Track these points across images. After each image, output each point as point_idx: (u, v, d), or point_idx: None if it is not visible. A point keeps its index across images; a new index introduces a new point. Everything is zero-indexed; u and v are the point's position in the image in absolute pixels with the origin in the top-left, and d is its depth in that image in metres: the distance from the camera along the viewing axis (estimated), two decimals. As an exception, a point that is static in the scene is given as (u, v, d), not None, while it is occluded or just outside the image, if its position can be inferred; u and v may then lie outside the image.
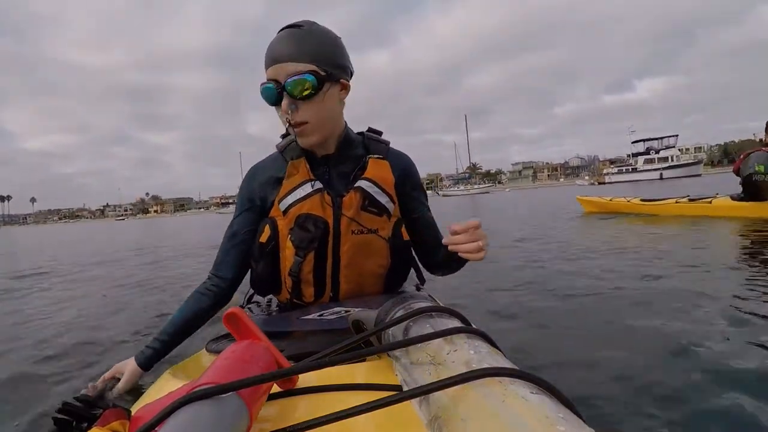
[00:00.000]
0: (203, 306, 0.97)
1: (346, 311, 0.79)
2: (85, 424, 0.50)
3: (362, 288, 1.00)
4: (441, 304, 0.50)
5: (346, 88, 0.95)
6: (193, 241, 8.66)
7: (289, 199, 0.94)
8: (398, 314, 0.48)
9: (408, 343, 0.42)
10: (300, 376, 0.48)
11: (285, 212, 0.94)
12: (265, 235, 0.95)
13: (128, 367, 0.96)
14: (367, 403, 0.35)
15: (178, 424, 0.31)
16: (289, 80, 0.85)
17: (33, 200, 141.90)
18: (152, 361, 0.96)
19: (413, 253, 1.08)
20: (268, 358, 0.44)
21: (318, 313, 0.81)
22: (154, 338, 0.97)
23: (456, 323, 0.45)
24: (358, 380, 0.48)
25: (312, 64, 0.86)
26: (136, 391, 0.94)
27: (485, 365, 0.34)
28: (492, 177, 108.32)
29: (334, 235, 0.94)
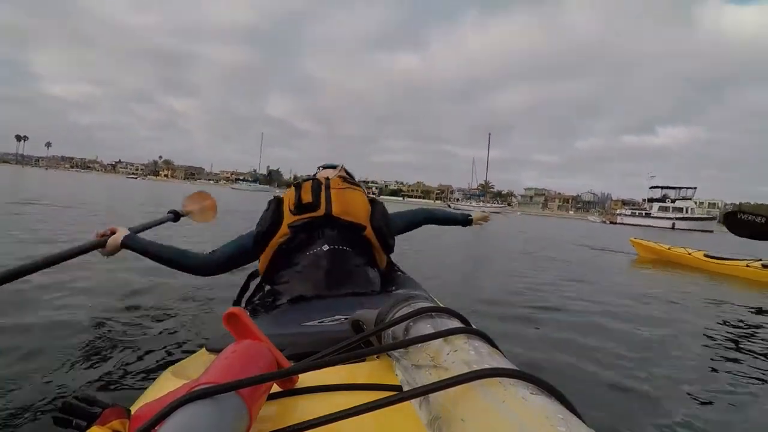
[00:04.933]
0: (189, 256, 1.24)
1: (346, 318, 0.79)
2: (85, 423, 0.50)
3: (349, 208, 1.23)
4: (441, 305, 0.50)
5: None
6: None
7: None
8: (398, 314, 0.48)
9: (408, 343, 0.42)
10: (300, 376, 0.48)
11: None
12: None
13: (117, 236, 1.24)
14: (367, 403, 0.35)
15: (178, 423, 0.31)
16: None
17: (48, 144, 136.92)
18: (134, 246, 1.23)
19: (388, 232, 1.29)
20: (268, 357, 0.44)
21: (318, 320, 0.81)
22: (148, 240, 1.25)
23: (456, 324, 0.45)
24: (358, 380, 0.48)
25: None
26: (135, 390, 0.94)
27: (485, 366, 0.34)
28: (503, 198, 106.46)
29: (326, 185, 1.25)
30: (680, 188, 48.54)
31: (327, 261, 1.12)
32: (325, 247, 1.14)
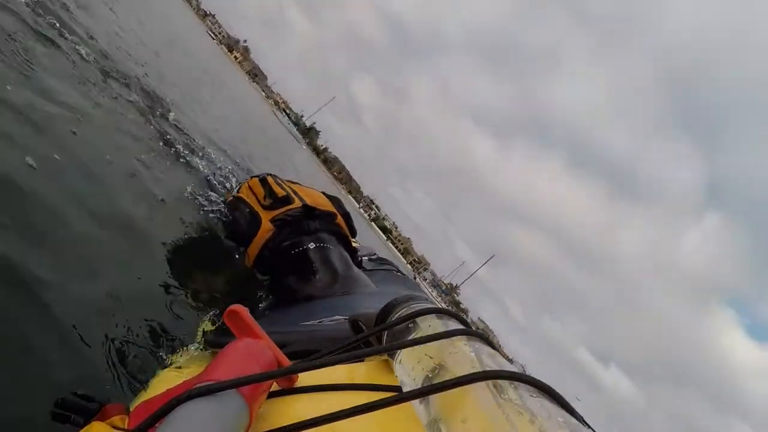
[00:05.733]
0: None
1: (345, 319, 0.79)
2: (83, 419, 0.50)
3: (316, 199, 1.26)
4: (440, 306, 0.50)
5: None
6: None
7: None
8: (398, 315, 0.48)
9: (408, 344, 0.42)
10: (300, 375, 0.48)
11: None
12: None
13: None
14: (367, 403, 0.35)
15: (180, 420, 0.31)
16: None
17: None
18: None
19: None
20: (269, 356, 0.44)
21: (318, 320, 0.81)
22: None
23: (456, 325, 0.45)
24: (358, 380, 0.48)
25: None
26: (133, 386, 0.94)
27: (486, 367, 0.34)
28: (458, 311, 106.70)
29: (281, 181, 1.31)
30: (590, 428, 50.12)
31: (318, 261, 1.13)
32: (312, 245, 1.14)
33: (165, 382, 0.60)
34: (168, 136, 2.27)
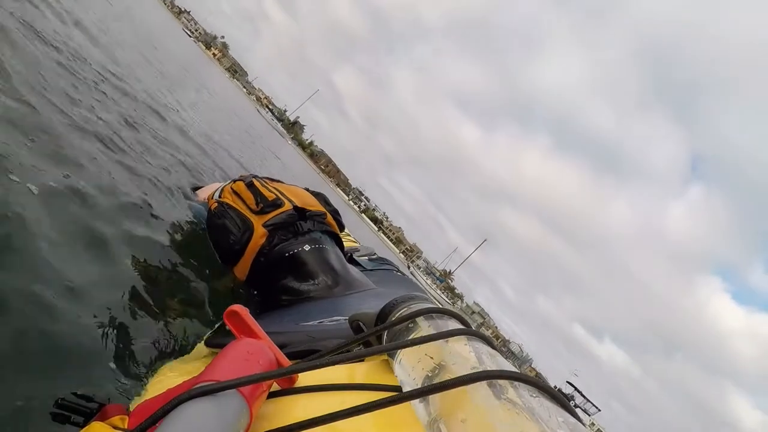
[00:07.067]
0: None
1: (345, 319, 0.79)
2: (82, 419, 0.50)
3: (304, 198, 1.25)
4: (440, 306, 0.50)
5: None
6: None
7: None
8: (399, 315, 0.48)
9: (408, 344, 0.42)
10: (300, 375, 0.48)
11: None
12: None
13: None
14: (367, 403, 0.35)
15: (180, 420, 0.31)
16: None
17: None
18: None
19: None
20: (269, 356, 0.44)
21: (318, 321, 0.81)
22: None
23: (456, 325, 0.45)
24: (358, 380, 0.48)
25: None
26: (132, 386, 0.94)
27: (486, 367, 0.34)
28: (454, 295, 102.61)
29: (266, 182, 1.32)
30: (588, 401, 48.31)
31: (315, 262, 1.12)
32: (307, 248, 1.13)
33: (165, 382, 0.60)
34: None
